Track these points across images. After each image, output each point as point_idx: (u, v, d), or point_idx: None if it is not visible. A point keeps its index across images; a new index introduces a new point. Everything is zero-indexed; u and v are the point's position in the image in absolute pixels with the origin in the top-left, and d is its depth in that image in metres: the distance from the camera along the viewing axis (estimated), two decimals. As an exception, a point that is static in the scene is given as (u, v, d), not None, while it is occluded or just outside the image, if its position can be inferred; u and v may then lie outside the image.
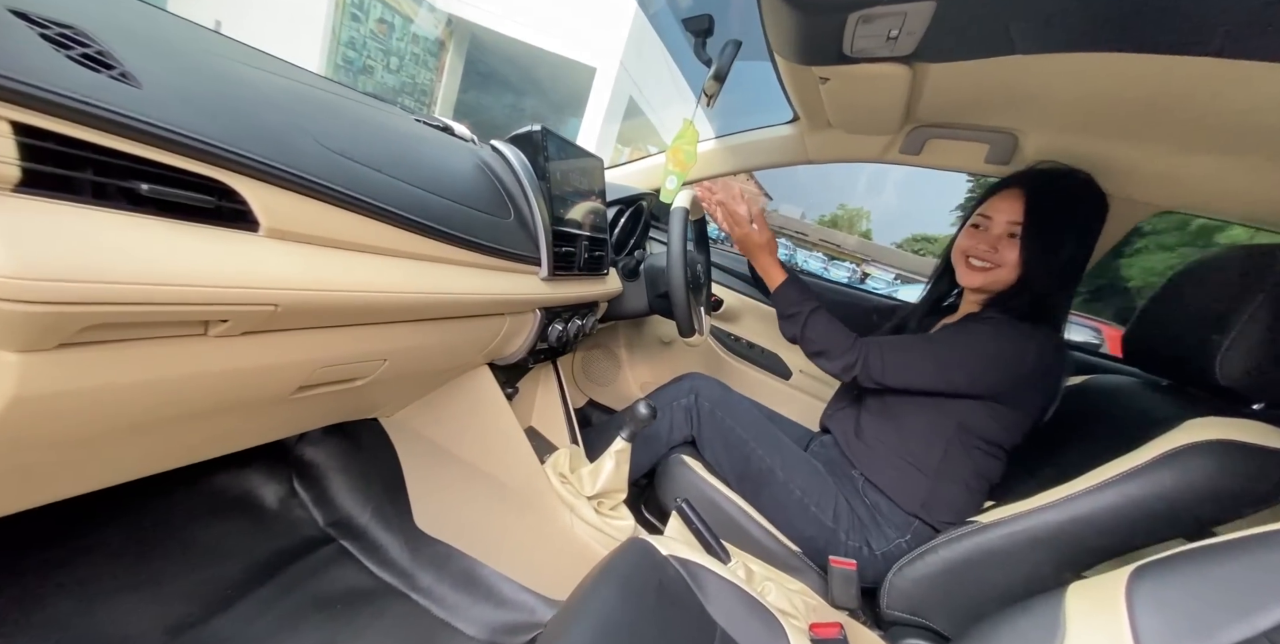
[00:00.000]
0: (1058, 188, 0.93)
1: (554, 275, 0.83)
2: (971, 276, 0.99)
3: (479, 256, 0.68)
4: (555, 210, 0.84)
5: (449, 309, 0.64)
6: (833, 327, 0.96)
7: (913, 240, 68.89)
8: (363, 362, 0.57)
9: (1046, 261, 0.91)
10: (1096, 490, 0.73)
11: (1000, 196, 0.97)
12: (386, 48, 8.59)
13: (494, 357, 0.84)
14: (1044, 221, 0.91)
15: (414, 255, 0.58)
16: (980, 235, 0.98)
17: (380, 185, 0.54)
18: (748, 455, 1.05)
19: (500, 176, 0.79)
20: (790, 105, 1.30)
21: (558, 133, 0.86)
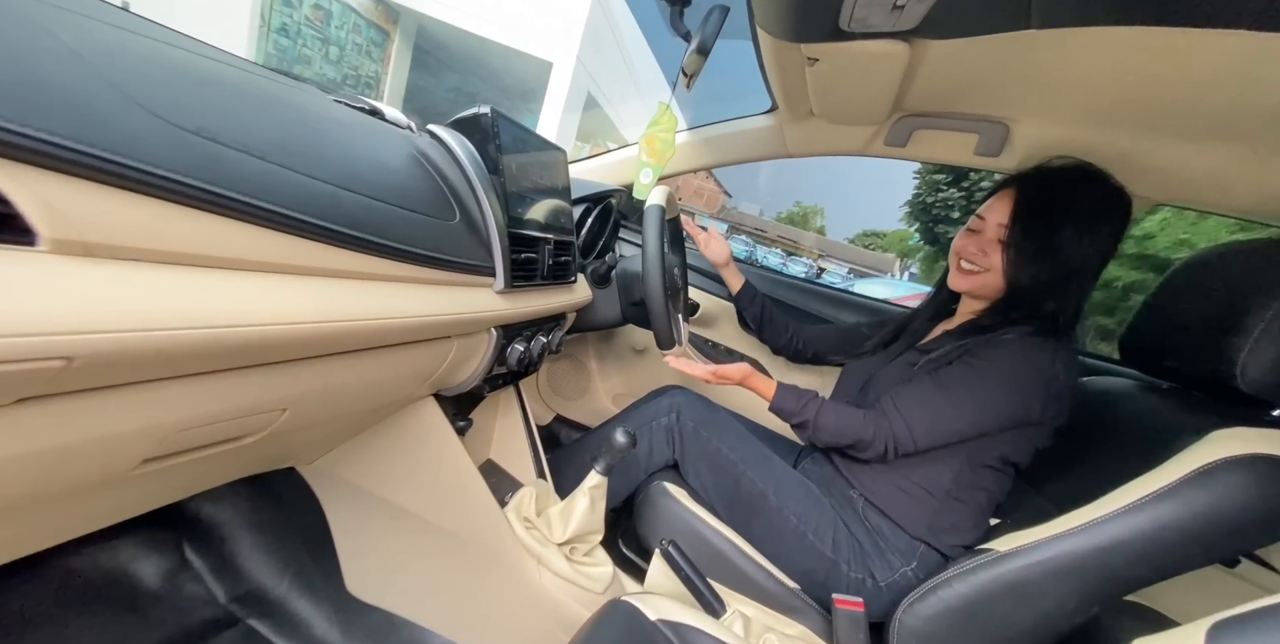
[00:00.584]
0: (1052, 185, 0.86)
1: (512, 287, 0.69)
2: (960, 280, 0.93)
3: (415, 269, 0.54)
4: (512, 209, 0.70)
5: (374, 338, 0.50)
6: (841, 413, 0.86)
7: (863, 236, 71.55)
8: (248, 416, 0.42)
9: (1035, 267, 0.83)
10: (1124, 514, 0.66)
11: (997, 197, 0.91)
12: (325, 36, 8.04)
13: (440, 387, 0.70)
14: (1031, 223, 0.84)
15: (320, 271, 0.44)
16: (973, 238, 0.91)
17: (262, 177, 0.39)
18: (737, 479, 0.94)
19: (442, 170, 0.64)
20: (769, 93, 1.20)
21: (511, 117, 0.72)
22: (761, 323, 1.23)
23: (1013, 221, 0.85)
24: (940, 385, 0.82)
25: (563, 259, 0.89)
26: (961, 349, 0.85)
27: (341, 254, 0.45)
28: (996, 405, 0.79)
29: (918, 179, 20.29)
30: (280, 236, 0.39)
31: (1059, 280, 0.83)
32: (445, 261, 0.57)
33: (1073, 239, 0.82)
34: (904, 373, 0.91)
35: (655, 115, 0.87)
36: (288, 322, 0.38)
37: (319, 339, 0.43)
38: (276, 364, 0.42)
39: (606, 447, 0.80)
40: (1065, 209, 0.83)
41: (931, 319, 1.06)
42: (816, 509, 0.92)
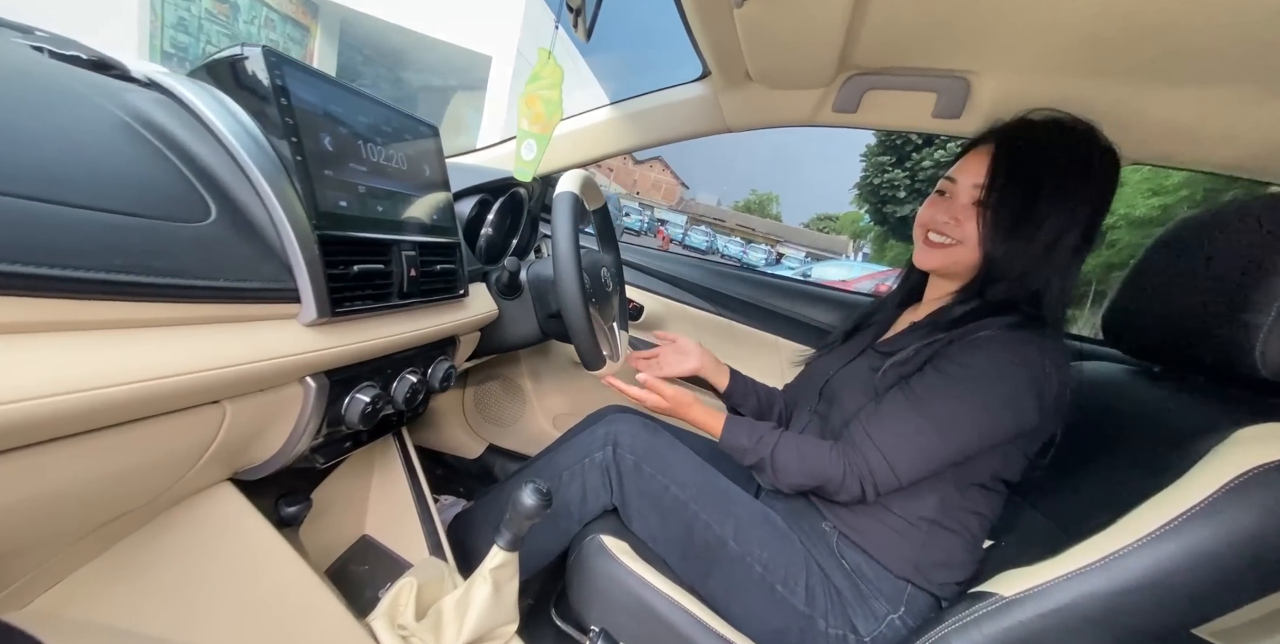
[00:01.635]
0: (1036, 140, 0.71)
1: (336, 315, 0.48)
2: (928, 256, 0.77)
3: (132, 306, 0.32)
4: (326, 202, 0.49)
5: (66, 423, 0.29)
6: (805, 450, 0.70)
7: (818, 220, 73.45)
8: None
9: (1016, 237, 0.69)
10: (1150, 544, 0.52)
11: (970, 155, 0.75)
12: (232, 32, 7.36)
13: (234, 468, 0.48)
14: (1012, 184, 0.69)
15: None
16: (942, 204, 0.76)
17: None
18: (689, 523, 0.76)
19: (180, 143, 0.42)
20: (699, 56, 1.01)
21: (313, 66, 0.50)
22: (764, 407, 1.02)
23: (990, 181, 0.70)
24: (917, 405, 0.66)
25: (441, 268, 0.68)
26: (931, 350, 0.70)
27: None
28: (986, 423, 0.64)
29: (864, 161, 20.87)
30: None
31: (1043, 253, 0.69)
32: (178, 289, 0.35)
33: (1060, 204, 0.68)
34: (866, 379, 0.76)
35: (535, 67, 0.66)
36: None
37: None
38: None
39: (511, 512, 0.60)
40: (1052, 169, 0.68)
41: (899, 305, 0.90)
42: (785, 552, 0.75)
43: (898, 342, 0.79)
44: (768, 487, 0.76)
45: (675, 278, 1.40)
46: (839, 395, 0.78)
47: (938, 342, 0.70)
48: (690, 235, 31.98)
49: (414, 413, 0.69)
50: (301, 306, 0.46)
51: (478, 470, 1.31)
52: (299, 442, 0.48)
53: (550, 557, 0.81)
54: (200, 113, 0.43)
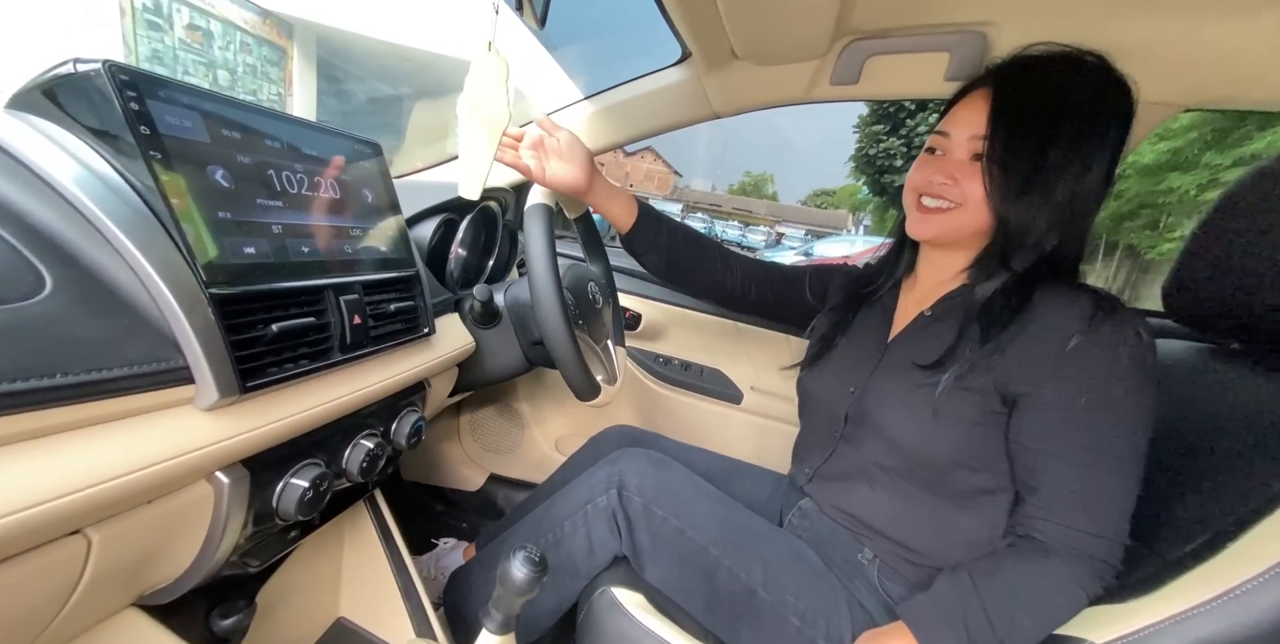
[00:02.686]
0: (1041, 77, 0.59)
1: (247, 391, 0.38)
2: (923, 224, 0.65)
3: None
4: (226, 248, 0.39)
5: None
6: (1013, 578, 0.55)
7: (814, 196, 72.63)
8: None
9: (1027, 190, 0.58)
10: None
11: (962, 105, 0.63)
12: (208, 60, 7.28)
13: (132, 596, 0.39)
14: (1018, 129, 0.58)
15: None
16: (935, 163, 0.64)
17: None
18: (711, 572, 0.67)
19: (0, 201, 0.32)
20: (675, 35, 0.90)
21: (187, 81, 0.39)
22: (681, 263, 0.83)
23: (992, 131, 0.58)
24: (1089, 462, 0.54)
25: (396, 307, 0.58)
26: (987, 356, 0.59)
27: None
28: (1144, 440, 0.54)
29: (858, 132, 20.51)
30: None
31: (1060, 207, 0.58)
32: (9, 396, 0.26)
33: (1076, 150, 0.57)
34: (913, 398, 0.63)
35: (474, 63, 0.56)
36: None
37: None
38: None
39: (500, 589, 0.50)
40: (1062, 109, 0.57)
41: (895, 286, 0.79)
42: (822, 594, 0.65)
43: (926, 343, 0.67)
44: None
45: None
46: (875, 420, 0.66)
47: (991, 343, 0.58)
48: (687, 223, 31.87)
49: (377, 480, 0.60)
50: (196, 387, 0.36)
51: (480, 503, 1.22)
52: (217, 551, 0.39)
53: (556, 615, 0.72)
54: (18, 155, 0.33)
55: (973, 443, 0.60)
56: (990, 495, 0.61)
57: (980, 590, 0.55)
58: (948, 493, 0.63)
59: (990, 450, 0.60)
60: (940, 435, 0.61)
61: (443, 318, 0.73)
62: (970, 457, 0.61)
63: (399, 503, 0.76)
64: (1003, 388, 0.58)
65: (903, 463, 0.65)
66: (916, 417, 0.62)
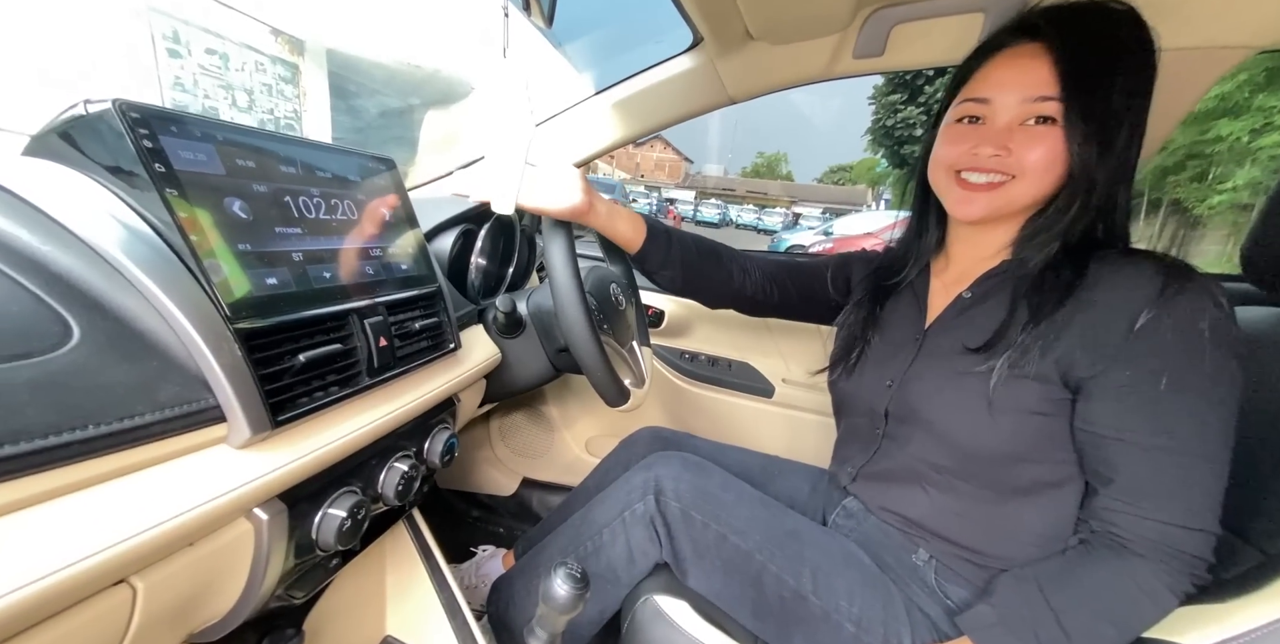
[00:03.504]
0: (1090, 28, 0.55)
1: (278, 425, 0.38)
2: (970, 203, 0.59)
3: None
4: (249, 282, 0.39)
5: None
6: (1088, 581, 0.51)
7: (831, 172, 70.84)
8: None
9: (1108, 150, 0.54)
10: None
11: (1000, 64, 0.57)
12: (226, 82, 7.48)
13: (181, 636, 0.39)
14: (1088, 85, 0.53)
15: None
16: (978, 133, 0.58)
17: None
18: (757, 577, 0.65)
19: (15, 247, 0.32)
20: (686, 19, 0.86)
21: (196, 113, 0.39)
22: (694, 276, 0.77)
23: (1066, 88, 0.53)
24: (1171, 447, 0.49)
25: (421, 325, 0.57)
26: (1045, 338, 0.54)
27: None
28: (1231, 421, 0.50)
29: (874, 104, 19.86)
30: None
31: (1124, 163, 0.55)
32: (28, 455, 0.25)
33: (1131, 102, 0.54)
34: (961, 388, 0.59)
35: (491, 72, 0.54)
36: None
37: None
38: None
39: (542, 607, 0.49)
40: (1113, 60, 0.53)
41: (923, 269, 0.74)
42: (878, 599, 0.62)
43: (969, 325, 0.63)
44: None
45: None
46: (922, 416, 0.62)
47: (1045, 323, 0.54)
48: (700, 210, 31.42)
49: (413, 501, 0.59)
50: (229, 426, 0.36)
51: (515, 508, 1.23)
52: (261, 586, 0.39)
53: (599, 625, 0.71)
54: (34, 202, 0.33)
55: (1034, 434, 0.56)
56: (1056, 488, 0.57)
57: (1050, 597, 0.51)
58: (1007, 488, 0.59)
59: (1054, 441, 0.56)
60: (997, 428, 0.57)
61: (467, 331, 0.72)
62: (1032, 449, 0.57)
63: (435, 511, 0.76)
64: (1065, 373, 0.53)
65: (955, 460, 0.61)
66: (969, 409, 0.58)
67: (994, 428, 0.57)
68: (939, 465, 0.62)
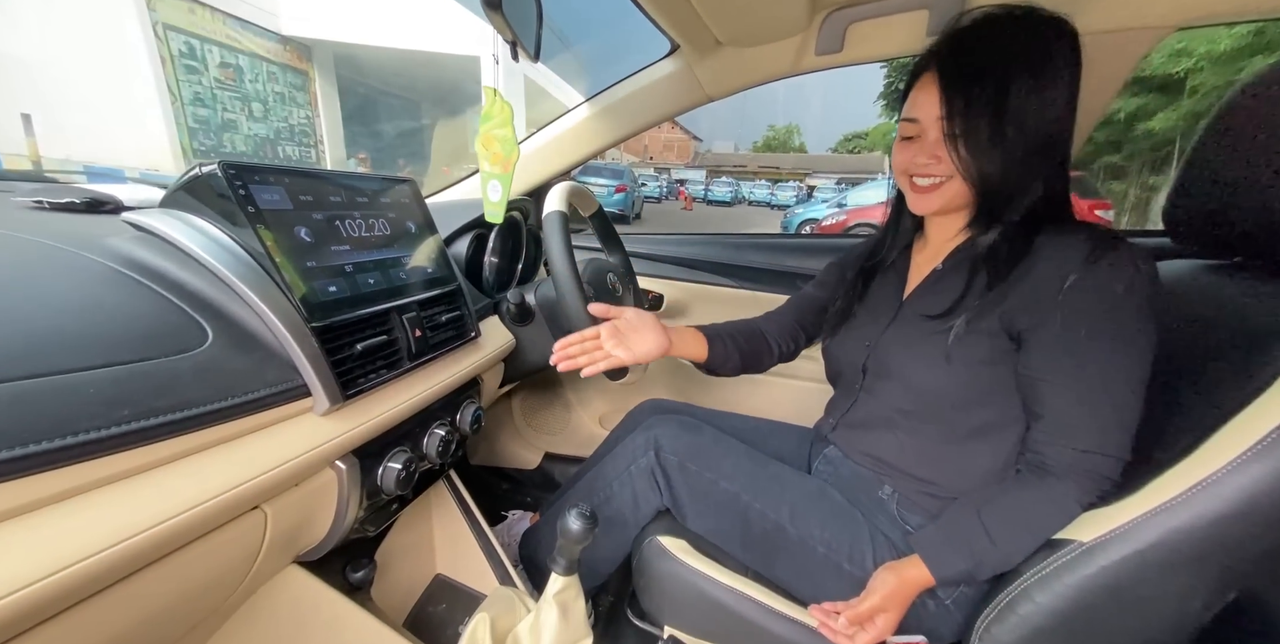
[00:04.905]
0: (978, 45, 0.63)
1: (348, 398, 0.51)
2: (924, 200, 0.70)
3: (109, 461, 0.35)
4: (316, 292, 0.51)
5: (119, 568, 0.33)
6: (1018, 516, 0.61)
7: (846, 141, 68.63)
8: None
9: (993, 152, 0.62)
10: (1245, 463, 0.45)
11: (918, 88, 0.66)
12: (242, 94, 7.74)
13: (292, 555, 0.53)
14: (971, 105, 0.61)
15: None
16: (914, 146, 0.68)
17: None
18: (744, 514, 0.76)
19: (168, 275, 0.45)
20: (662, 30, 0.95)
21: (273, 163, 0.51)
22: (748, 361, 0.92)
23: (948, 112, 0.62)
24: (1089, 385, 0.59)
25: (446, 318, 0.70)
26: (996, 299, 0.63)
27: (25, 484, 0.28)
28: (1143, 362, 0.58)
29: (886, 66, 19.17)
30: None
31: (1035, 156, 0.62)
32: (186, 421, 0.38)
33: (1032, 102, 0.60)
34: (925, 345, 0.69)
35: (485, 107, 0.65)
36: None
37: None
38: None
39: (561, 540, 0.62)
40: (1006, 70, 0.61)
41: (905, 249, 0.83)
42: (847, 526, 0.74)
43: (937, 295, 0.72)
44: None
45: (690, 259, 1.37)
46: (892, 369, 0.73)
47: (997, 289, 0.63)
48: (712, 189, 30.76)
49: (452, 460, 0.73)
50: (313, 399, 0.49)
51: (540, 479, 1.37)
52: (345, 519, 0.53)
53: (615, 563, 0.84)
54: (174, 241, 0.45)
55: (983, 381, 0.66)
56: (1002, 429, 0.66)
57: (984, 517, 0.62)
58: (961, 429, 0.69)
59: (1000, 386, 0.65)
60: (953, 376, 0.67)
61: (485, 321, 0.85)
62: (982, 394, 0.66)
63: (470, 484, 0.90)
64: (1009, 327, 0.63)
65: (919, 405, 0.71)
66: (931, 361, 0.68)
67: (951, 376, 0.67)
68: (905, 411, 0.73)
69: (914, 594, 0.64)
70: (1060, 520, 0.58)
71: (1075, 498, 0.58)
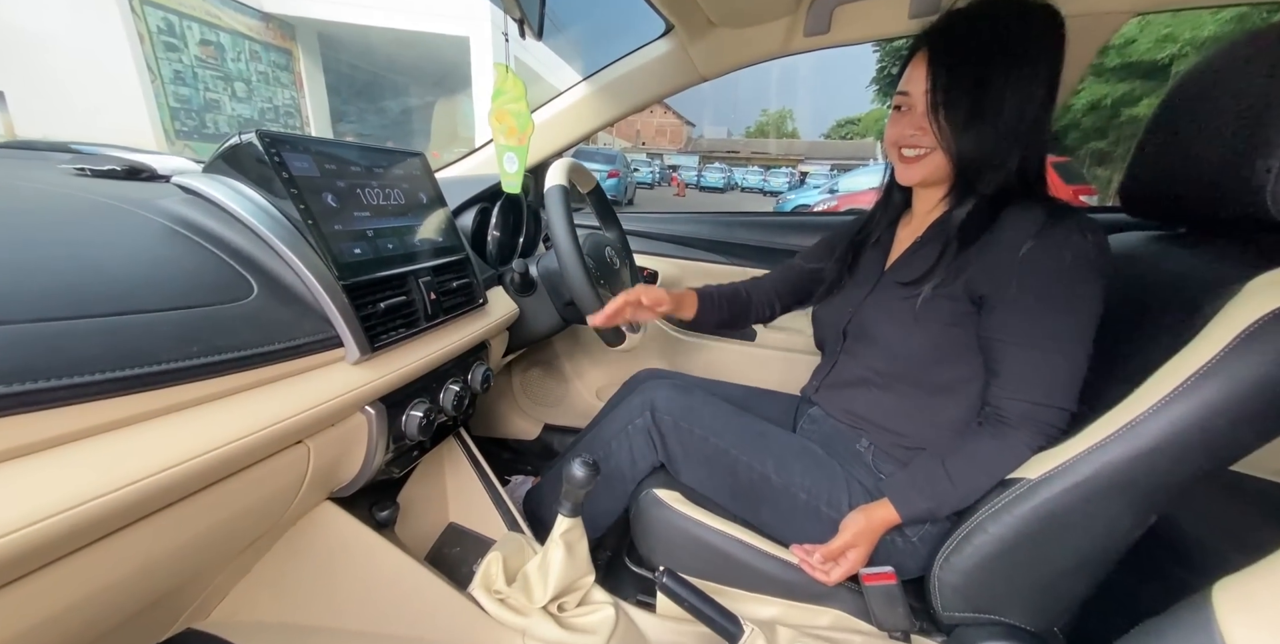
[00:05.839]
0: (966, 27, 0.68)
1: (375, 349, 0.56)
2: (909, 171, 0.76)
3: (201, 385, 0.41)
4: (342, 255, 0.56)
5: (172, 491, 0.38)
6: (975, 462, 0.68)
7: (838, 126, 68.25)
8: None
9: (970, 126, 0.68)
10: (1164, 407, 0.53)
11: (913, 64, 0.72)
12: (224, 72, 7.55)
13: (328, 490, 0.59)
14: (954, 80, 0.67)
15: (53, 442, 0.32)
16: (904, 119, 0.74)
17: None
18: (732, 467, 0.83)
19: (215, 233, 0.50)
20: (657, 10, 0.99)
21: (299, 133, 0.55)
22: (735, 317, 1.02)
23: (933, 86, 0.68)
24: (1036, 344, 0.66)
25: (456, 284, 0.75)
26: (961, 265, 0.70)
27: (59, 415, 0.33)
28: (1089, 324, 0.65)
29: (878, 52, 19.03)
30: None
31: (1012, 131, 0.68)
32: (244, 359, 0.44)
33: (1011, 82, 0.66)
34: (899, 310, 0.76)
35: (496, 83, 0.69)
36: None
37: (72, 531, 0.32)
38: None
39: (566, 485, 0.69)
40: (989, 52, 0.66)
41: (891, 224, 0.90)
42: (825, 475, 0.81)
43: (913, 264, 0.79)
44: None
45: (684, 237, 1.42)
46: (870, 332, 0.80)
47: (965, 255, 0.70)
48: (705, 175, 30.63)
49: (465, 416, 0.78)
50: (345, 349, 0.54)
51: (539, 449, 1.44)
52: (374, 459, 0.58)
53: (614, 515, 0.91)
54: (222, 204, 0.50)
55: (948, 341, 0.73)
56: (964, 385, 0.73)
57: (947, 463, 0.69)
58: (929, 386, 0.76)
59: (963, 347, 0.72)
60: (922, 337, 0.73)
61: (491, 291, 0.90)
62: (947, 354, 0.73)
63: None
64: (971, 292, 0.69)
65: (893, 365, 0.78)
66: (902, 323, 0.75)
67: (920, 338, 0.74)
68: (880, 371, 0.80)
69: (881, 532, 0.72)
70: (1013, 464, 0.66)
71: (1026, 443, 0.65)
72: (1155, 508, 0.58)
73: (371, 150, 0.67)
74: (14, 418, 0.31)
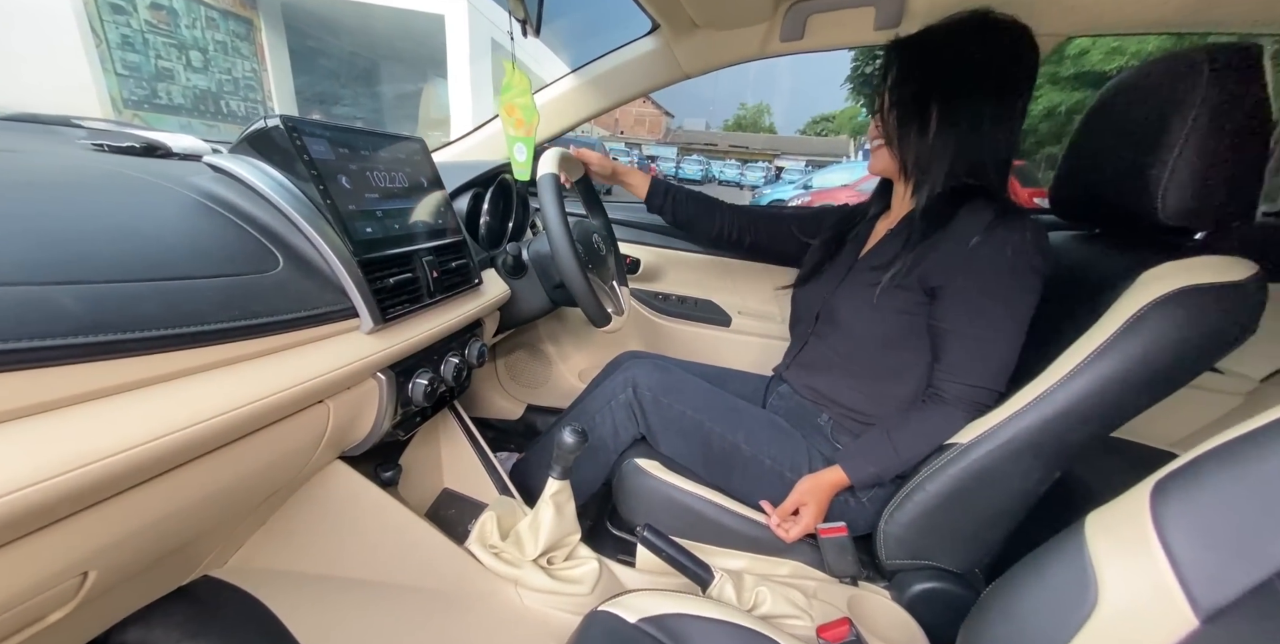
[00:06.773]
0: (926, 42, 0.77)
1: (386, 321, 0.61)
2: (871, 159, 0.87)
3: (237, 345, 0.45)
4: (356, 233, 0.60)
5: (212, 440, 0.43)
6: (919, 433, 0.78)
7: (814, 123, 69.22)
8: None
9: (910, 133, 0.77)
10: (1068, 380, 0.65)
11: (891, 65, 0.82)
12: (178, 40, 7.11)
13: (340, 449, 0.64)
14: (902, 87, 0.77)
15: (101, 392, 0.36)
16: (877, 111, 0.84)
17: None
18: (706, 438, 0.92)
19: (244, 210, 0.54)
20: (644, 10, 1.04)
21: (316, 118, 0.59)
22: (687, 218, 1.15)
23: (889, 85, 0.78)
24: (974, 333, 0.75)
25: (454, 264, 0.79)
26: (914, 256, 0.79)
27: (126, 364, 0.37)
28: (1024, 314, 0.73)
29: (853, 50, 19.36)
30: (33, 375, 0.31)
31: (940, 147, 0.76)
32: (276, 324, 0.48)
33: (955, 97, 0.74)
34: (864, 295, 0.85)
35: (505, 79, 0.73)
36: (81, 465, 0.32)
37: (130, 471, 0.36)
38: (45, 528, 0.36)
39: (557, 451, 0.75)
40: (939, 73, 0.75)
41: (874, 217, 0.99)
42: (789, 445, 0.90)
43: (880, 253, 0.88)
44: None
45: (665, 226, 1.48)
46: (837, 315, 0.88)
47: (922, 246, 0.78)
48: (683, 167, 30.78)
49: (462, 387, 0.84)
50: (360, 319, 0.59)
51: (523, 429, 1.50)
52: (383, 422, 0.64)
53: (598, 484, 0.98)
54: (250, 183, 0.54)
55: (901, 327, 0.82)
56: (914, 367, 0.83)
57: (892, 435, 0.80)
58: (884, 368, 0.86)
59: (914, 333, 0.82)
60: (879, 323, 0.83)
61: (485, 272, 0.94)
62: (900, 338, 0.83)
63: None
64: (925, 283, 0.79)
65: (854, 348, 0.87)
66: (863, 309, 0.84)
67: (878, 323, 0.83)
68: (841, 352, 0.89)
69: (828, 492, 0.82)
70: (949, 434, 0.76)
71: (961, 417, 0.76)
72: (1059, 465, 0.69)
73: (377, 135, 0.71)
74: (92, 365, 0.36)
